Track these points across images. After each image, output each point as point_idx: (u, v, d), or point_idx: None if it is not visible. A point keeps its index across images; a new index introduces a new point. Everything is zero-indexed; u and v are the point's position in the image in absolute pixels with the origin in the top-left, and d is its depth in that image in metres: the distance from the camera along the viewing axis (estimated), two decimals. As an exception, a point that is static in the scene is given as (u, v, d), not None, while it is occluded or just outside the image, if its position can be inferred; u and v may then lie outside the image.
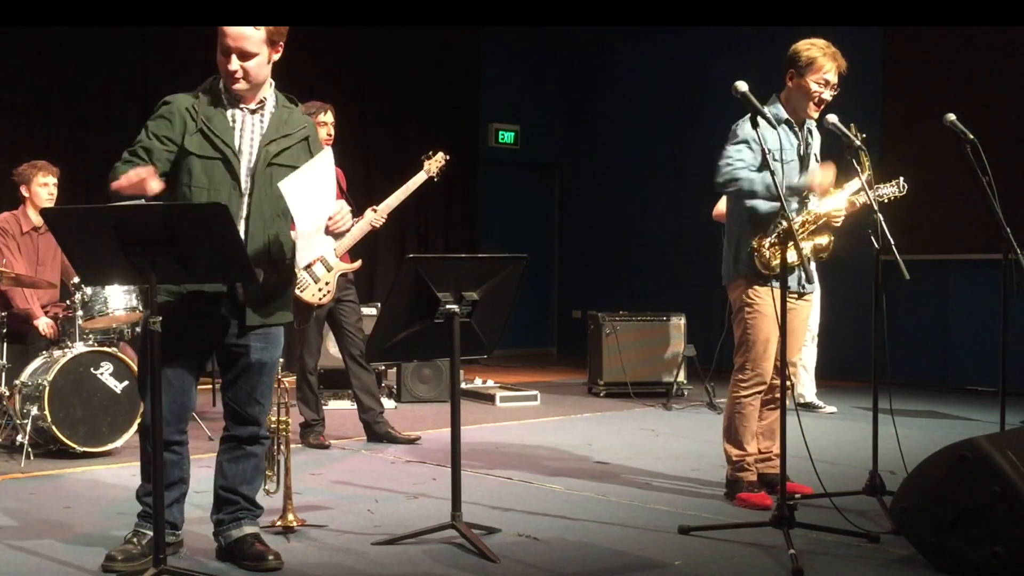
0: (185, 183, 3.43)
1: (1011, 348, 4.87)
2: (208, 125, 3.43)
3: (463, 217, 11.43)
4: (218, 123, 3.45)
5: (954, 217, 8.31)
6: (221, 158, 3.44)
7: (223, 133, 3.45)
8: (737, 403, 4.49)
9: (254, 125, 3.51)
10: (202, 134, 3.43)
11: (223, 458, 3.63)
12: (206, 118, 3.44)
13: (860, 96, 8.40)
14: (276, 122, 3.53)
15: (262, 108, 3.53)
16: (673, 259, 10.96)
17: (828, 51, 4.33)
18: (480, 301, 3.83)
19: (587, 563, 3.61)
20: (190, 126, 3.43)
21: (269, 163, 3.48)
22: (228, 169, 3.44)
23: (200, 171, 3.43)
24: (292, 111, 3.59)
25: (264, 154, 3.48)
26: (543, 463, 5.42)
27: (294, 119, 3.58)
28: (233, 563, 3.53)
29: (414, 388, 7.78)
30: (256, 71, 3.45)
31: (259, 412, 3.61)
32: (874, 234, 4.21)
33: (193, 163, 3.43)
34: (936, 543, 3.42)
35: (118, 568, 3.43)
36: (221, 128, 3.45)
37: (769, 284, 4.30)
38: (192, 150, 3.43)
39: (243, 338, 3.51)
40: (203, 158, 3.43)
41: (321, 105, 6.03)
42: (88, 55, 8.44)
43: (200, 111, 3.45)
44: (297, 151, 3.55)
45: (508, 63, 11.78)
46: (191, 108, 3.46)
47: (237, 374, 3.56)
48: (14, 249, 5.98)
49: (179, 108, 3.46)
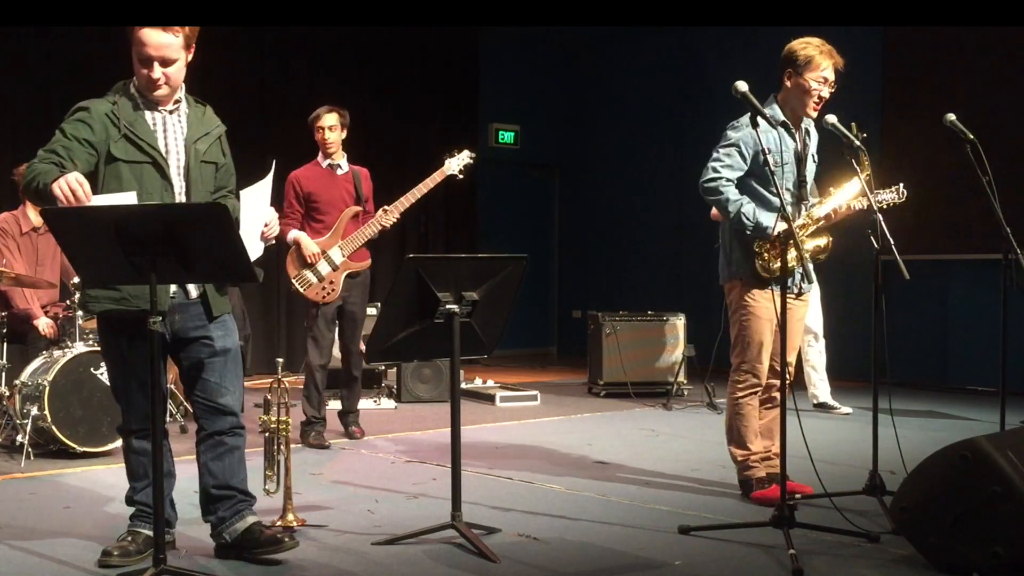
0: (115, 189, 3.46)
1: (1011, 348, 4.87)
2: (132, 130, 3.48)
3: (463, 217, 11.43)
4: (140, 127, 3.50)
5: (954, 217, 8.31)
6: (150, 162, 3.49)
7: (147, 136, 3.50)
8: (735, 404, 4.51)
9: (174, 125, 3.57)
10: (127, 139, 3.47)
11: (206, 458, 3.62)
12: (129, 123, 3.49)
13: (860, 96, 8.41)
14: (194, 121, 3.62)
15: (178, 108, 3.60)
16: (673, 259, 10.96)
17: (824, 49, 4.34)
18: (480, 301, 3.83)
19: (587, 563, 3.61)
20: (112, 132, 3.48)
21: (201, 160, 3.58)
22: (159, 171, 3.50)
23: (129, 176, 3.47)
24: (206, 109, 3.69)
25: (194, 152, 3.56)
26: (543, 463, 5.42)
27: (209, 117, 3.67)
28: (246, 555, 3.54)
29: (414, 388, 7.78)
30: (177, 76, 3.53)
31: (232, 401, 3.62)
32: (874, 234, 4.21)
33: (121, 169, 3.47)
34: (936, 543, 3.42)
35: (114, 563, 3.46)
36: (144, 132, 3.50)
37: (768, 287, 4.30)
38: (119, 156, 3.47)
39: (204, 329, 3.57)
40: (131, 163, 3.48)
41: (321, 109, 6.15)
42: (88, 55, 8.44)
43: (122, 116, 3.49)
44: (215, 149, 3.65)
45: (508, 63, 11.78)
46: (111, 114, 3.50)
47: (202, 367, 3.58)
48: (14, 249, 5.99)
49: (98, 114, 3.50)
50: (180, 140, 3.56)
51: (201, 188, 3.57)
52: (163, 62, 3.47)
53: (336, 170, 6.12)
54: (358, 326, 6.12)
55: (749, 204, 4.31)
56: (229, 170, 3.75)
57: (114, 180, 3.47)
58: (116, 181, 3.47)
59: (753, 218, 4.28)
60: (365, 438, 6.19)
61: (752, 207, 4.30)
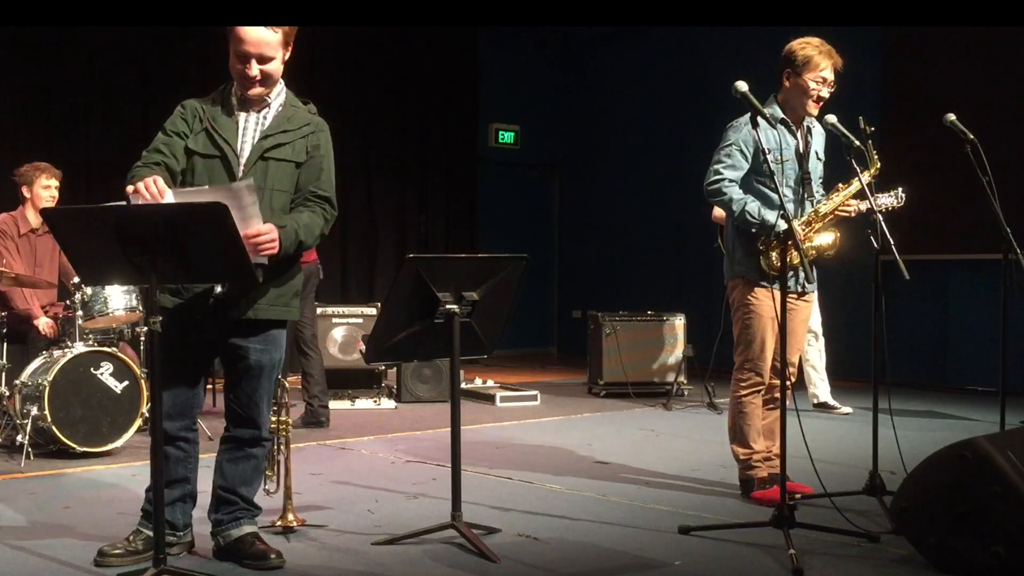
0: (188, 182, 3.46)
1: (1011, 348, 4.88)
2: (213, 124, 3.48)
3: (463, 217, 11.43)
4: (222, 123, 3.49)
5: (954, 217, 8.31)
6: (220, 156, 3.46)
7: (226, 132, 3.47)
8: (738, 403, 4.52)
9: (257, 124, 3.53)
10: (206, 133, 3.47)
11: (223, 458, 3.63)
12: (211, 118, 3.49)
13: (860, 96, 8.41)
14: (278, 119, 3.54)
15: (267, 107, 3.55)
16: (673, 259, 10.96)
17: (823, 48, 4.35)
18: (480, 301, 3.83)
19: (587, 563, 3.61)
20: (196, 126, 3.49)
21: (262, 156, 3.47)
22: (226, 167, 3.46)
23: (202, 170, 3.46)
24: (298, 110, 3.59)
25: (257, 148, 3.48)
26: (543, 463, 5.42)
27: (298, 116, 3.57)
28: (234, 562, 3.53)
29: (414, 388, 7.78)
30: (274, 74, 3.49)
31: (258, 415, 3.59)
32: (874, 234, 4.21)
33: (196, 162, 3.47)
34: (936, 543, 3.42)
35: (111, 563, 3.45)
36: (225, 127, 3.48)
37: (767, 285, 4.31)
38: (196, 149, 3.47)
39: (243, 339, 3.50)
40: (205, 157, 3.46)
41: None
42: (89, 55, 8.45)
43: (207, 111, 3.50)
44: (297, 147, 3.52)
45: (508, 63, 11.78)
46: (199, 108, 3.52)
47: (238, 376, 3.55)
48: (12, 250, 5.98)
49: (191, 108, 3.53)
50: (256, 138, 3.50)
51: (267, 187, 3.45)
52: (260, 59, 3.44)
53: None
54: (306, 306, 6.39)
55: (753, 202, 4.31)
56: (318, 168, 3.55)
57: (190, 173, 3.48)
58: (191, 174, 3.48)
59: (758, 216, 4.28)
60: (365, 438, 6.18)
61: (756, 205, 4.30)
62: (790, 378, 4.51)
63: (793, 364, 4.59)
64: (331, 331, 7.77)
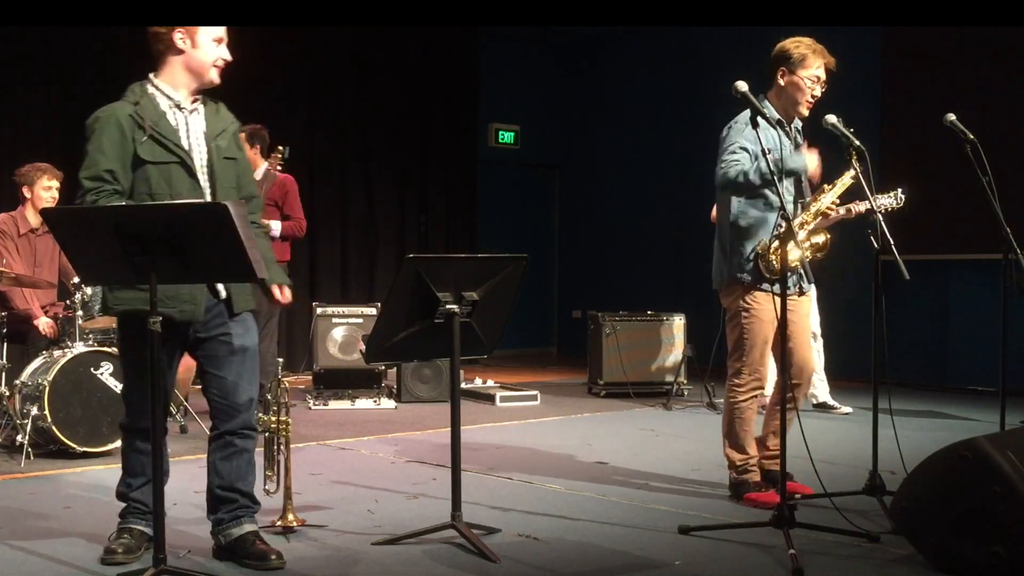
0: (144, 191, 3.46)
1: (1011, 348, 4.87)
2: (157, 130, 3.47)
3: (463, 217, 11.43)
4: (165, 127, 3.50)
5: (954, 217, 8.31)
6: (178, 161, 3.49)
7: (172, 135, 3.50)
8: (736, 407, 4.49)
9: (195, 123, 3.58)
10: (153, 140, 3.47)
11: (215, 457, 3.61)
12: (153, 123, 3.48)
13: (860, 96, 8.42)
14: (211, 118, 3.61)
15: (197, 107, 3.60)
16: (673, 259, 10.96)
17: (817, 48, 4.34)
18: (480, 301, 3.83)
19: (587, 563, 3.61)
20: (138, 134, 3.46)
21: (223, 157, 3.57)
22: (186, 171, 3.50)
23: (158, 178, 3.47)
24: (219, 106, 3.69)
25: (215, 149, 3.56)
26: (543, 463, 5.42)
27: (223, 113, 3.67)
28: (234, 562, 3.53)
29: (414, 388, 7.78)
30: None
31: (247, 400, 3.60)
32: (874, 234, 4.21)
33: (149, 171, 3.47)
34: (936, 543, 3.42)
35: (119, 560, 3.47)
36: (168, 131, 3.50)
37: (765, 288, 4.30)
38: (146, 158, 3.46)
39: (224, 327, 3.56)
40: (158, 164, 3.47)
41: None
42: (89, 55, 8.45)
43: (146, 117, 3.48)
44: (233, 145, 3.65)
45: (508, 63, 11.78)
46: (134, 115, 3.48)
47: (221, 364, 3.56)
48: (12, 250, 5.98)
49: (124, 118, 3.48)
50: (201, 137, 3.56)
51: (225, 185, 3.56)
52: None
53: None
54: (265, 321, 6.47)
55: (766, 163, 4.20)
56: (247, 168, 3.75)
57: (143, 183, 3.47)
58: (145, 184, 3.46)
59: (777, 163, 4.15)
60: (365, 438, 6.18)
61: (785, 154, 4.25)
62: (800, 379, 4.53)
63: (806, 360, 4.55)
64: (331, 331, 7.77)
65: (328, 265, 10.25)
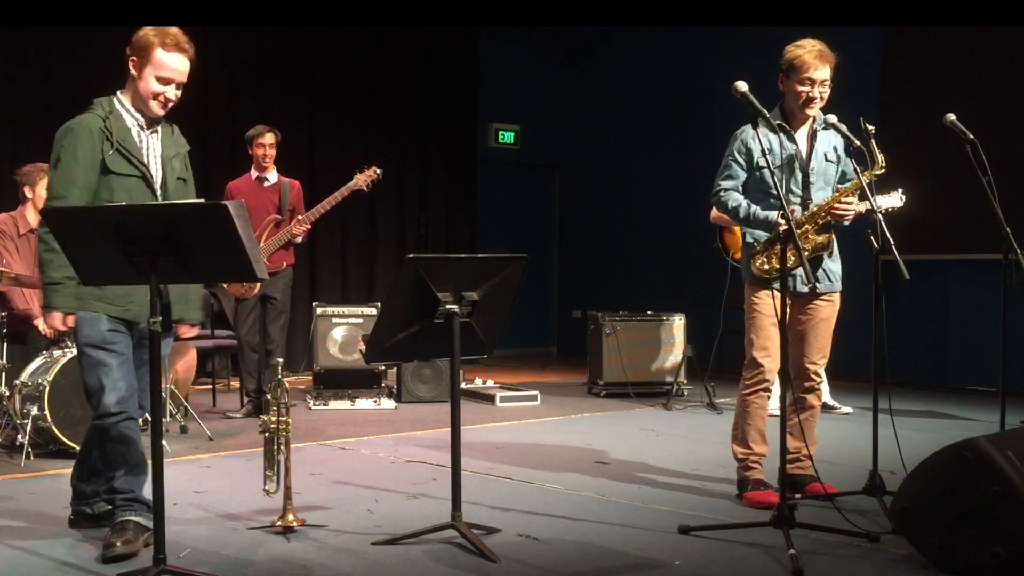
0: (106, 199, 3.67)
1: (1011, 348, 4.88)
2: (123, 145, 3.70)
3: (463, 217, 11.43)
4: (130, 143, 3.73)
5: (954, 217, 8.31)
6: (140, 176, 3.73)
7: (138, 153, 3.73)
8: (741, 401, 4.53)
9: (154, 144, 3.81)
10: (119, 154, 3.69)
11: None
12: (120, 139, 3.70)
13: (860, 96, 8.41)
14: (167, 139, 3.85)
15: (156, 128, 3.82)
16: (673, 259, 10.96)
17: (813, 50, 4.31)
18: (480, 301, 3.83)
19: (587, 563, 3.61)
20: (106, 146, 3.69)
21: (177, 177, 3.85)
22: (147, 185, 3.74)
23: (120, 188, 3.69)
24: (174, 128, 3.92)
25: (171, 168, 3.83)
26: (543, 463, 5.42)
27: (177, 135, 3.92)
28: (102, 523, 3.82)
29: (414, 388, 7.78)
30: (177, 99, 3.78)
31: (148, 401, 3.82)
32: (874, 234, 4.21)
33: (113, 181, 3.69)
34: (936, 543, 3.42)
35: (119, 552, 3.54)
36: (133, 148, 3.73)
37: (770, 287, 4.30)
38: (112, 168, 3.69)
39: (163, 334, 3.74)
40: (122, 176, 3.70)
41: (263, 128, 6.88)
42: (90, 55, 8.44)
43: (114, 131, 3.70)
44: (184, 166, 3.93)
45: (508, 63, 11.78)
46: (104, 129, 3.70)
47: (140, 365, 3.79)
48: (12, 251, 5.98)
49: (94, 130, 3.70)
50: (158, 158, 3.81)
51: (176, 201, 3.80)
52: (179, 85, 3.75)
53: (263, 182, 6.94)
54: (279, 313, 6.88)
55: (749, 204, 4.36)
56: (192, 187, 3.99)
57: (106, 191, 3.69)
58: (108, 192, 3.69)
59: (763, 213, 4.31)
60: (365, 438, 6.19)
61: (756, 208, 4.34)
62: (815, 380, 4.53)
63: (817, 365, 4.55)
64: (331, 331, 7.77)
65: (328, 265, 10.25)
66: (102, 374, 3.66)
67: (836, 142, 4.45)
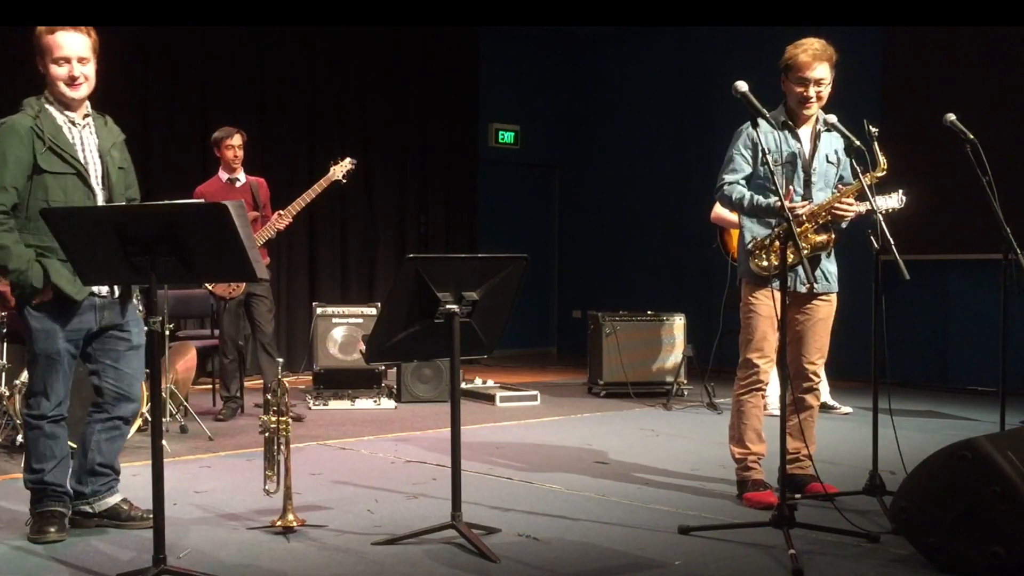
0: (41, 198, 3.67)
1: (1011, 348, 4.88)
2: (55, 143, 3.70)
3: (463, 217, 11.43)
4: (62, 140, 3.74)
5: (954, 217, 8.31)
6: (74, 172, 3.73)
7: (69, 148, 3.73)
8: (736, 401, 4.53)
9: (88, 137, 3.82)
10: (52, 152, 3.69)
11: (100, 437, 3.95)
12: (52, 136, 3.70)
13: (860, 96, 8.41)
14: (102, 131, 3.87)
15: (88, 121, 3.84)
16: (673, 259, 10.96)
17: (810, 49, 4.31)
18: (480, 301, 3.83)
19: (587, 563, 3.61)
20: (38, 145, 3.68)
21: (117, 167, 3.88)
22: (83, 181, 3.74)
23: (55, 186, 3.70)
24: (107, 118, 3.93)
25: (110, 161, 3.84)
26: (543, 463, 5.42)
27: (111, 124, 3.94)
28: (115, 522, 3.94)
29: (414, 388, 7.78)
30: (92, 76, 3.78)
31: (139, 392, 4.02)
32: (874, 234, 4.21)
33: (47, 180, 3.70)
34: (936, 543, 3.43)
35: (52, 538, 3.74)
36: (66, 144, 3.74)
37: (768, 285, 4.30)
38: (45, 168, 3.69)
39: (121, 323, 3.88)
40: (55, 174, 3.70)
41: (231, 130, 6.87)
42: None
43: (45, 129, 3.70)
44: (123, 155, 3.95)
45: (508, 63, 11.78)
46: (35, 127, 3.70)
47: (120, 357, 3.90)
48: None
49: (25, 129, 3.70)
50: (95, 150, 3.83)
51: (120, 193, 3.88)
52: (80, 60, 3.74)
53: (235, 183, 6.88)
54: (265, 308, 6.85)
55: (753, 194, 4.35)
56: (132, 175, 4.03)
57: (40, 190, 3.69)
58: (43, 191, 3.69)
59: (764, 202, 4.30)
60: (365, 438, 6.19)
61: (760, 196, 4.33)
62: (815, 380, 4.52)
63: (815, 365, 4.55)
64: (331, 331, 7.77)
65: (328, 265, 10.25)
66: (48, 380, 3.81)
67: (838, 144, 4.45)
